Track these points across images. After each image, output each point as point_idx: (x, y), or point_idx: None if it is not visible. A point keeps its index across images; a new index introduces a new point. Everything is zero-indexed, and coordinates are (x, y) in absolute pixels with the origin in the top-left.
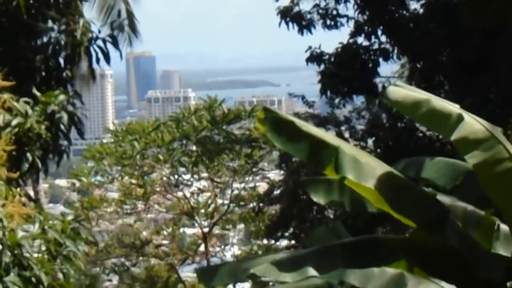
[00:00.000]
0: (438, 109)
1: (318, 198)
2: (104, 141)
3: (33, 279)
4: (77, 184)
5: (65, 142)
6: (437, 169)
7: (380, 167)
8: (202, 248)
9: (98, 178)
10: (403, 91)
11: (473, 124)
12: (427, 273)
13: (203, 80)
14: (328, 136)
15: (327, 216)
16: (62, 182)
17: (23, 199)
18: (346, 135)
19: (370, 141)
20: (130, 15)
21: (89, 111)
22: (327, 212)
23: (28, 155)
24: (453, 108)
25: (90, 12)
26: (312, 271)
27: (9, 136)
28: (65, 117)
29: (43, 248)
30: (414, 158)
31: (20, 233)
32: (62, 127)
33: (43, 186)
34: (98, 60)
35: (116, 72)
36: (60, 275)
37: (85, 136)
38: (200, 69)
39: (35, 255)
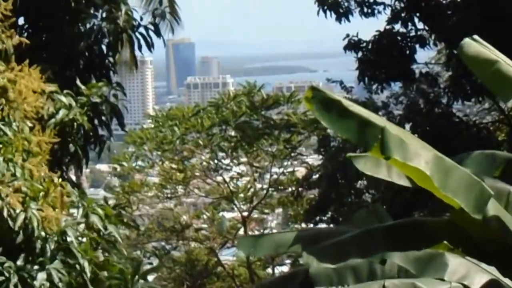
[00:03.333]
0: (504, 72)
1: (367, 170)
2: (145, 126)
3: (77, 266)
4: (118, 169)
5: (106, 133)
6: (477, 162)
7: (425, 149)
8: (241, 232)
9: (139, 163)
10: (478, 47)
11: None
12: (468, 254)
13: (241, 66)
14: (374, 116)
15: (365, 201)
16: (103, 167)
17: (68, 186)
18: None
19: (407, 127)
20: (172, 2)
21: (130, 97)
22: (365, 197)
23: (71, 145)
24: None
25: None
26: (354, 256)
27: (52, 127)
28: (107, 109)
29: (86, 234)
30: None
31: (64, 221)
32: (103, 118)
33: (85, 171)
34: (140, 47)
35: (155, 58)
36: (103, 260)
37: (125, 121)
38: (239, 55)
39: (79, 240)
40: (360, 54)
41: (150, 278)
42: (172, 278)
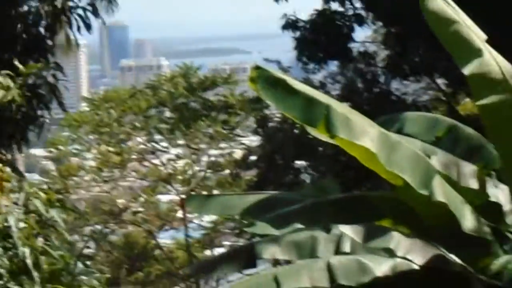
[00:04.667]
0: (463, 36)
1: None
2: (80, 110)
3: (18, 252)
4: (54, 152)
5: (46, 113)
6: (418, 124)
7: (370, 126)
8: (179, 214)
9: (75, 146)
10: (441, 4)
11: (490, 64)
12: (412, 230)
13: (175, 48)
14: (320, 94)
15: (304, 180)
16: (37, 152)
17: (7, 170)
18: None
19: None
20: None
21: (64, 81)
22: (304, 177)
23: (9, 126)
24: (477, 40)
25: None
26: (300, 228)
27: None
28: (46, 89)
29: (27, 219)
30: (393, 114)
31: (4, 206)
32: (43, 98)
33: (22, 156)
34: (79, 29)
35: (89, 42)
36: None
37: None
38: (173, 38)
39: (20, 225)
40: (298, 33)
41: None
42: (110, 262)
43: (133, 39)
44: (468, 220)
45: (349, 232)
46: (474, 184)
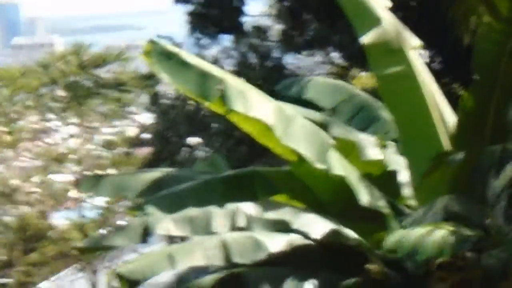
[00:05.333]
0: (364, 3)
1: None
2: None
3: None
4: None
5: None
6: (318, 89)
7: (266, 99)
8: (73, 194)
9: None
10: None
11: (388, 33)
12: (307, 205)
13: (67, 26)
14: (214, 68)
15: (197, 157)
16: None
17: None
18: None
19: None
20: None
21: None
22: (197, 153)
23: None
24: (378, 8)
25: None
26: (190, 208)
27: None
28: None
29: None
30: (295, 78)
31: None
32: None
33: None
34: None
35: None
36: None
37: None
38: (67, 15)
39: None
40: (190, 8)
41: None
42: (2, 244)
43: (25, 17)
44: (364, 194)
45: (244, 207)
46: (372, 155)
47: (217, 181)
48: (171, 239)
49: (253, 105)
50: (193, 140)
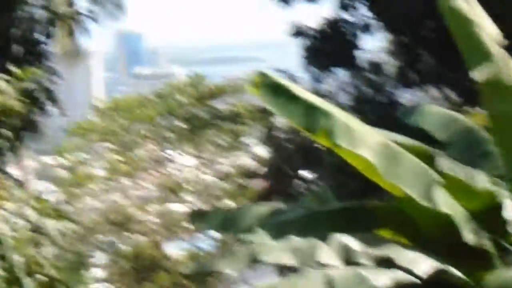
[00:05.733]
0: (478, 38)
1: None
2: (91, 117)
3: (9, 261)
4: (62, 161)
5: (43, 118)
6: (435, 120)
7: (372, 135)
8: (188, 224)
9: (83, 154)
10: (460, 2)
11: (502, 70)
12: (412, 241)
13: (191, 56)
14: (322, 101)
15: (313, 191)
16: (51, 160)
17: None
18: None
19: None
20: None
21: (78, 88)
22: (312, 186)
23: (4, 131)
24: (492, 44)
25: None
26: (296, 239)
27: None
28: (41, 93)
29: (21, 228)
30: (416, 105)
31: None
32: (39, 103)
33: (32, 163)
34: (79, 35)
35: (105, 49)
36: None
37: (75, 112)
38: (188, 46)
39: (13, 234)
40: (305, 41)
41: (99, 273)
42: (117, 273)
43: (148, 47)
44: (469, 232)
45: (349, 240)
46: (480, 191)
47: (323, 214)
48: (280, 269)
49: (358, 141)
50: (306, 173)
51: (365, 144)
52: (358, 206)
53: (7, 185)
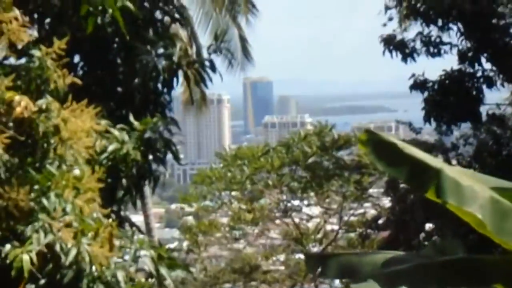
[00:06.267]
0: None
1: None
2: (214, 166)
3: None
4: (186, 208)
5: (161, 168)
6: None
7: (482, 191)
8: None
9: (207, 202)
10: None
11: None
12: None
13: (320, 105)
14: (430, 158)
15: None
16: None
17: (116, 228)
18: (454, 162)
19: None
20: (243, 40)
21: (206, 136)
22: (433, 239)
23: (124, 181)
24: None
25: (203, 37)
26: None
27: (105, 163)
28: (161, 143)
29: (137, 278)
30: None
31: (114, 263)
32: (158, 153)
33: (159, 211)
34: (197, 83)
35: (233, 97)
36: None
37: (203, 160)
38: (318, 95)
39: (129, 282)
40: (426, 94)
41: None
42: None
43: (277, 95)
44: None
45: None
46: None
47: (434, 266)
48: None
49: (466, 197)
50: (429, 225)
51: (475, 201)
52: (469, 260)
53: (126, 233)
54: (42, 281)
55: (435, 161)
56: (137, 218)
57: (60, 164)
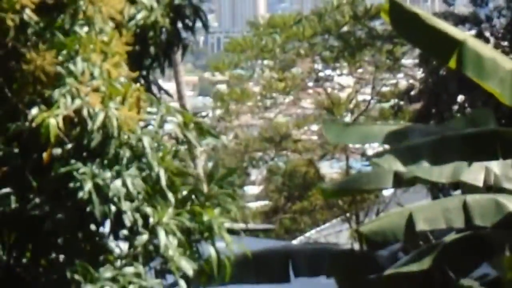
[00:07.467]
0: None
1: None
2: (249, 34)
3: (153, 174)
4: (218, 76)
5: (191, 36)
6: None
7: (504, 63)
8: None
9: (239, 71)
10: None
11: None
12: None
13: None
14: (454, 30)
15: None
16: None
17: (144, 92)
18: (487, 34)
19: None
20: None
21: (240, 4)
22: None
23: (152, 49)
24: None
25: None
26: (425, 163)
27: (133, 30)
28: (190, 11)
29: (163, 142)
30: None
31: (140, 128)
32: (187, 20)
33: (193, 79)
34: None
35: None
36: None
37: (235, 29)
38: None
39: (155, 147)
40: None
41: (254, 190)
42: (270, 189)
43: None
44: None
45: (491, 165)
46: None
47: (455, 139)
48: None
49: (487, 71)
50: (461, 97)
51: (495, 74)
52: (493, 132)
53: (154, 99)
54: (69, 146)
55: (459, 33)
56: (170, 86)
57: (90, 28)
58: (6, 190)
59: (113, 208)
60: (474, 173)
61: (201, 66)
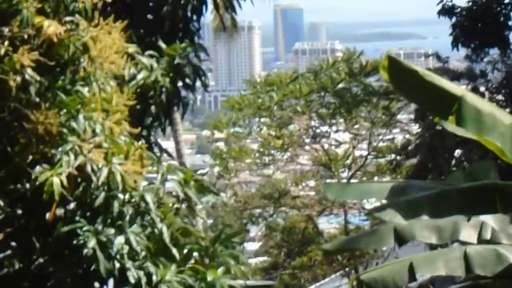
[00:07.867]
0: None
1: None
2: (246, 92)
3: (156, 231)
4: (216, 134)
5: (190, 95)
6: None
7: (503, 118)
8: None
9: (236, 129)
10: None
11: None
12: None
13: (350, 32)
14: (452, 86)
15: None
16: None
17: (145, 150)
18: (482, 89)
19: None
20: None
21: (237, 63)
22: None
23: (152, 108)
24: None
25: None
26: (425, 217)
27: (133, 89)
28: (190, 70)
29: (165, 199)
30: None
31: (142, 186)
32: (187, 80)
33: (191, 137)
34: (227, 9)
35: (264, 24)
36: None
37: (232, 87)
38: (348, 22)
39: (158, 204)
40: (454, 19)
41: (254, 246)
42: (269, 245)
43: (308, 22)
44: None
45: (488, 219)
46: None
47: (454, 192)
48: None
49: (487, 126)
50: (458, 151)
51: (495, 128)
52: (491, 186)
53: (155, 158)
54: (73, 205)
55: (457, 89)
56: (169, 145)
57: (91, 86)
58: (9, 252)
59: (117, 265)
60: (469, 230)
61: (198, 124)
